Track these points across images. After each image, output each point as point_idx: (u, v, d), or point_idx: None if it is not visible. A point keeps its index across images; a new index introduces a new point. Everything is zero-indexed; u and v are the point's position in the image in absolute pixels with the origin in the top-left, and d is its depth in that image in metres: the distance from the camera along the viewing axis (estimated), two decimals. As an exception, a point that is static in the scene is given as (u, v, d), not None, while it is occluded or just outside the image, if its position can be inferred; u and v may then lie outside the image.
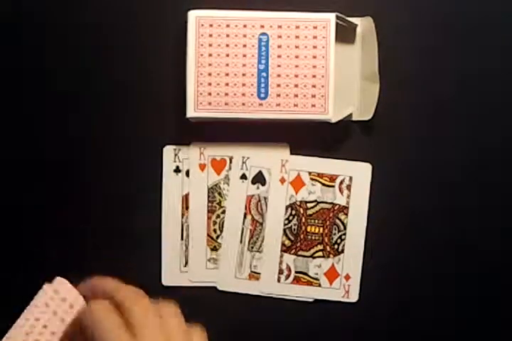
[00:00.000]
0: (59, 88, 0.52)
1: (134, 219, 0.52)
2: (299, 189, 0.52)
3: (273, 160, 0.52)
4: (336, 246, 0.52)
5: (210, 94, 0.49)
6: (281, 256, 0.52)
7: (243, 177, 0.52)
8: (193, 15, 0.49)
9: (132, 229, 0.52)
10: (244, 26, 0.49)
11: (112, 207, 0.52)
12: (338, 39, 0.50)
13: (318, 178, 0.52)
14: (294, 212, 0.52)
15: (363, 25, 0.52)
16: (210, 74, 0.49)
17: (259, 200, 0.52)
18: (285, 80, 0.49)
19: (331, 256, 0.53)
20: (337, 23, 0.50)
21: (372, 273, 0.52)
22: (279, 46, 0.49)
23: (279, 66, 0.49)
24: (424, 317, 0.53)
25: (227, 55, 0.49)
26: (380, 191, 0.52)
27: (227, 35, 0.49)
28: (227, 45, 0.49)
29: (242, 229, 0.52)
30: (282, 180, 0.52)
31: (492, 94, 0.53)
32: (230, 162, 0.52)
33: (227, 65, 0.49)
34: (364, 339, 0.53)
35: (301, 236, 0.52)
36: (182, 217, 0.52)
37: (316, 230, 0.52)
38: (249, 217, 0.52)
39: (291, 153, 0.52)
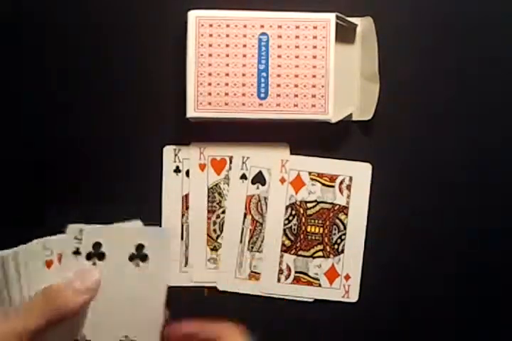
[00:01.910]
0: (59, 88, 0.52)
1: (134, 219, 0.52)
2: (299, 189, 0.52)
3: (273, 160, 0.52)
4: (336, 246, 0.52)
5: (210, 94, 0.49)
6: (281, 256, 0.52)
7: (243, 177, 0.52)
8: (193, 15, 0.49)
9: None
10: (244, 26, 0.49)
11: (112, 207, 0.52)
12: (338, 39, 0.50)
13: (318, 178, 0.52)
14: (294, 212, 0.52)
15: (363, 25, 0.52)
16: (210, 74, 0.49)
17: (259, 200, 0.52)
18: (285, 80, 0.49)
19: (331, 256, 0.53)
20: (337, 23, 0.50)
21: (372, 273, 0.52)
22: (279, 46, 0.49)
23: (279, 66, 0.49)
24: (424, 317, 0.53)
25: (227, 55, 0.49)
26: (380, 191, 0.52)
27: (227, 35, 0.49)
28: (227, 45, 0.49)
29: (242, 229, 0.52)
30: (282, 180, 0.52)
31: (492, 94, 0.53)
32: (230, 162, 0.52)
33: (227, 65, 0.49)
34: (364, 339, 0.53)
35: (301, 236, 0.52)
36: (182, 217, 0.52)
37: (316, 230, 0.52)
38: (249, 217, 0.52)
39: (291, 153, 0.52)
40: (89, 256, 0.42)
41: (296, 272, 0.52)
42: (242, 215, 0.52)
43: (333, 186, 0.52)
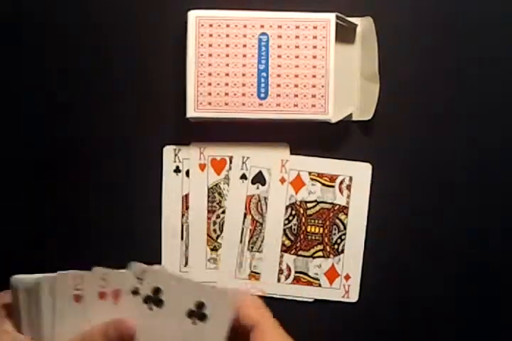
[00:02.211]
0: (59, 88, 0.52)
1: (134, 219, 0.52)
2: (299, 189, 0.52)
3: (273, 160, 0.52)
4: (336, 246, 0.52)
5: (210, 94, 0.49)
6: (281, 256, 0.52)
7: (243, 177, 0.52)
8: (193, 15, 0.49)
9: (132, 229, 0.52)
10: (244, 26, 0.49)
11: (112, 207, 0.52)
12: (338, 39, 0.50)
13: (318, 178, 0.52)
14: (294, 212, 0.52)
15: (363, 25, 0.52)
16: (210, 74, 0.49)
17: (259, 200, 0.52)
18: (285, 80, 0.49)
19: (331, 256, 0.53)
20: (337, 23, 0.50)
21: (372, 273, 0.52)
22: (279, 46, 0.49)
23: (279, 66, 0.49)
24: (424, 317, 0.53)
25: (227, 55, 0.49)
26: (380, 191, 0.52)
27: (227, 35, 0.49)
28: (227, 45, 0.49)
29: (242, 229, 0.52)
30: (282, 180, 0.52)
31: (492, 94, 0.53)
32: (230, 162, 0.52)
33: (227, 65, 0.49)
34: (364, 339, 0.53)
35: (301, 236, 0.52)
36: (182, 217, 0.52)
37: (316, 230, 0.52)
38: (249, 217, 0.52)
39: (291, 153, 0.52)
40: (146, 300, 0.40)
41: (296, 272, 0.52)
42: (242, 215, 0.52)
43: (333, 186, 0.52)
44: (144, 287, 0.39)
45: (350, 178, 0.52)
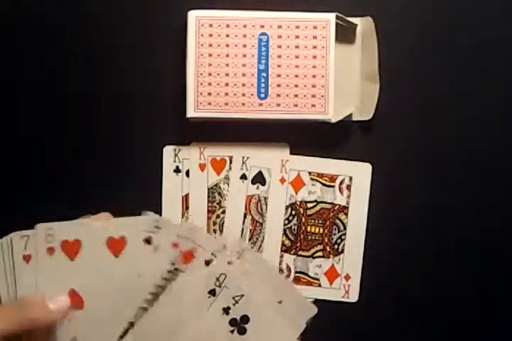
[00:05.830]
0: (59, 88, 0.52)
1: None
2: (299, 189, 0.52)
3: (273, 160, 0.52)
4: (336, 246, 0.52)
5: (210, 94, 0.49)
6: (281, 256, 0.52)
7: (243, 177, 0.52)
8: (193, 15, 0.49)
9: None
10: (244, 26, 0.49)
11: (112, 207, 0.52)
12: (338, 39, 0.50)
13: (318, 178, 0.52)
14: (294, 212, 0.52)
15: (363, 25, 0.52)
16: (210, 74, 0.49)
17: (259, 200, 0.52)
18: (285, 80, 0.50)
19: (331, 256, 0.53)
20: (337, 23, 0.50)
21: (372, 273, 0.52)
22: (279, 46, 0.49)
23: (279, 66, 0.50)
24: (424, 317, 0.53)
25: (227, 55, 0.49)
26: (380, 191, 0.52)
27: (227, 35, 0.49)
28: (227, 45, 0.49)
29: (242, 229, 0.52)
30: (282, 180, 0.52)
31: (492, 94, 0.53)
32: (230, 162, 0.52)
33: (227, 65, 0.49)
34: (364, 339, 0.53)
35: (301, 236, 0.52)
36: (182, 217, 0.52)
37: (316, 230, 0.52)
38: (249, 217, 0.52)
39: (291, 153, 0.52)
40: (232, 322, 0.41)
41: (296, 272, 0.52)
42: (242, 215, 0.52)
43: (333, 186, 0.52)
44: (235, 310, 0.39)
45: (350, 178, 0.52)
